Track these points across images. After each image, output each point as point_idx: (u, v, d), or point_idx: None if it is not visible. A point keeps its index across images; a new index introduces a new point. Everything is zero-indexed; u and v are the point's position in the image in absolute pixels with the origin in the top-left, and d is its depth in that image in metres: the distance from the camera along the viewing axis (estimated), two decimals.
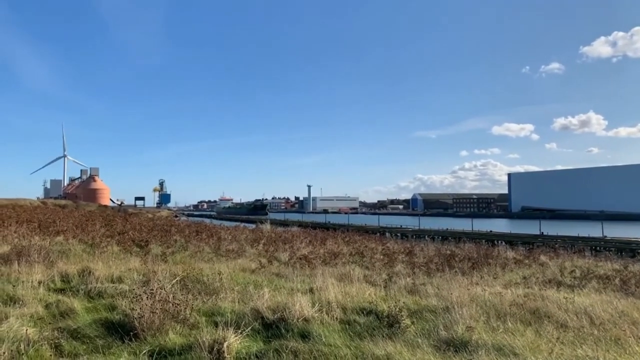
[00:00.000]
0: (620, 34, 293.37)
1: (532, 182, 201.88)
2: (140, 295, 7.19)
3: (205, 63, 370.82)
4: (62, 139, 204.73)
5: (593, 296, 9.96)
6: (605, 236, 46.31)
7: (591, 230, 50.66)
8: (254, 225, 43.48)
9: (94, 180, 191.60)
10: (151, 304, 6.75)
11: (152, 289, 7.42)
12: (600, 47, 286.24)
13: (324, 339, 6.21)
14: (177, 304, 7.15)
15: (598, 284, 12.55)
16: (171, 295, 7.40)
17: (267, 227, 38.72)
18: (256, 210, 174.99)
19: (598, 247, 39.54)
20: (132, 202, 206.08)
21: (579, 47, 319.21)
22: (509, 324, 7.11)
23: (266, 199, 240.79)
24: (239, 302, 8.34)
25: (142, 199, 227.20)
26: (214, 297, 8.71)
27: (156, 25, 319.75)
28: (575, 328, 7.05)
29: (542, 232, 51.57)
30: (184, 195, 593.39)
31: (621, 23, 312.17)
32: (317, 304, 7.74)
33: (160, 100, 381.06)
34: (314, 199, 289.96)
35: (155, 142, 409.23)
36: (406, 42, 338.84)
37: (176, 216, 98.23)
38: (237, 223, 57.80)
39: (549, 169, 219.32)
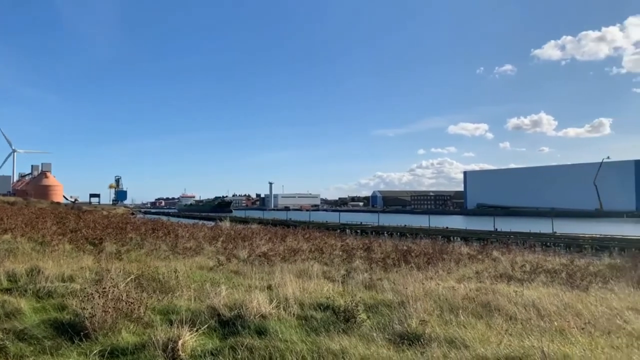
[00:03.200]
0: (569, 38, 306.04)
1: (486, 180, 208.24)
2: (92, 294, 7.01)
3: (163, 56, 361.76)
4: (2, 135, 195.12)
5: (541, 289, 10.34)
6: (555, 232, 48.18)
7: (542, 226, 52.55)
8: (213, 223, 42.94)
9: (46, 177, 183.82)
10: (103, 303, 6.60)
11: (105, 288, 7.26)
12: (550, 50, 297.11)
13: (280, 335, 6.23)
14: (131, 303, 7.02)
15: (546, 278, 13.05)
16: (125, 294, 7.26)
17: (226, 224, 38.34)
18: (220, 207, 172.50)
19: (548, 242, 41.07)
20: (87, 199, 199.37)
21: (530, 50, 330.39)
22: (461, 317, 7.32)
23: (226, 196, 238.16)
24: (195, 300, 8.26)
25: (97, 196, 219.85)
26: (169, 295, 8.60)
27: (112, 15, 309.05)
28: (523, 320, 7.31)
29: (496, 229, 53.06)
30: (142, 193, 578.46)
31: (570, 27, 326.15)
32: (274, 301, 7.76)
33: (116, 94, 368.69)
34: (276, 196, 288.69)
35: (111, 138, 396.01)
36: (364, 43, 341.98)
37: (133, 214, 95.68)
38: (196, 220, 56.95)
39: (502, 167, 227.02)
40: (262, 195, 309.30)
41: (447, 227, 59.11)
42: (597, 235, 45.71)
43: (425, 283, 10.22)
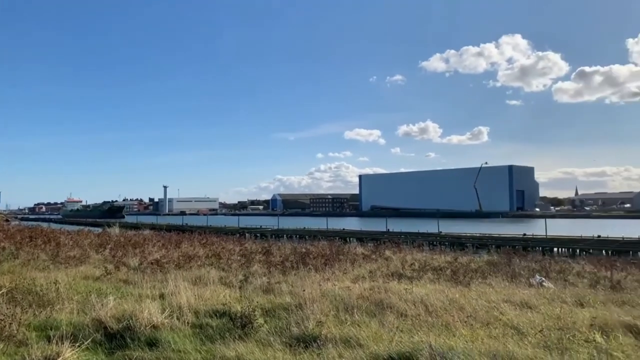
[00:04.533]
0: (452, 52, 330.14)
1: (379, 183, 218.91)
2: None
3: (44, 47, 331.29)
4: None
5: (428, 286, 10.99)
6: (441, 232, 51.74)
7: (429, 226, 56.16)
8: (100, 229, 40.18)
9: None
10: None
11: None
12: (436, 63, 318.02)
13: (173, 346, 5.97)
14: (1, 320, 6.30)
15: (433, 275, 13.90)
16: None
17: (115, 230, 36.03)
18: (111, 212, 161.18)
19: (435, 241, 43.99)
20: None
21: (418, 62, 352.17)
22: (356, 316, 7.53)
23: (116, 201, 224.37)
24: (78, 312, 7.65)
25: None
26: (48, 309, 7.88)
27: None
28: (413, 316, 7.69)
29: (388, 229, 55.73)
30: (19, 197, 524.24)
31: (453, 42, 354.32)
32: (167, 310, 7.43)
33: None
34: (171, 201, 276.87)
35: None
36: (267, 49, 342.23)
37: (7, 220, 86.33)
38: (82, 227, 53.05)
39: (394, 171, 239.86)
40: (156, 200, 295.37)
41: (343, 229, 61.01)
42: (477, 235, 49.96)
43: (322, 284, 10.38)
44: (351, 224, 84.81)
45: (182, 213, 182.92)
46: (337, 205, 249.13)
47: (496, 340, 6.20)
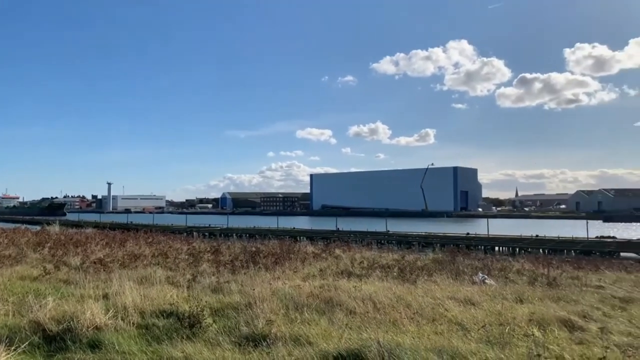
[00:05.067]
0: (402, 55, 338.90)
1: (330, 183, 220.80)
2: None
3: None
4: None
5: (377, 284, 11.16)
6: (389, 231, 52.78)
7: (377, 225, 57.12)
8: (39, 227, 38.30)
9: None
10: None
11: None
12: (386, 65, 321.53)
13: (117, 347, 5.78)
14: None
15: (381, 273, 14.13)
16: None
17: (55, 228, 34.48)
18: (51, 210, 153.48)
19: (383, 240, 44.88)
20: None
21: (369, 63, 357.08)
22: (306, 314, 7.55)
23: (56, 198, 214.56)
24: (14, 314, 7.29)
25: None
26: None
27: None
28: (361, 314, 7.80)
29: (338, 228, 56.31)
30: None
31: (403, 45, 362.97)
32: (112, 310, 7.20)
33: None
34: (115, 198, 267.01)
35: None
36: (218, 46, 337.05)
37: None
38: (19, 225, 50.37)
39: (344, 171, 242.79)
40: (100, 197, 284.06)
41: (294, 228, 61.08)
42: (423, 233, 51.34)
43: (272, 283, 10.34)
44: (302, 223, 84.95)
45: (127, 211, 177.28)
46: (288, 204, 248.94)
47: (442, 336, 6.39)
